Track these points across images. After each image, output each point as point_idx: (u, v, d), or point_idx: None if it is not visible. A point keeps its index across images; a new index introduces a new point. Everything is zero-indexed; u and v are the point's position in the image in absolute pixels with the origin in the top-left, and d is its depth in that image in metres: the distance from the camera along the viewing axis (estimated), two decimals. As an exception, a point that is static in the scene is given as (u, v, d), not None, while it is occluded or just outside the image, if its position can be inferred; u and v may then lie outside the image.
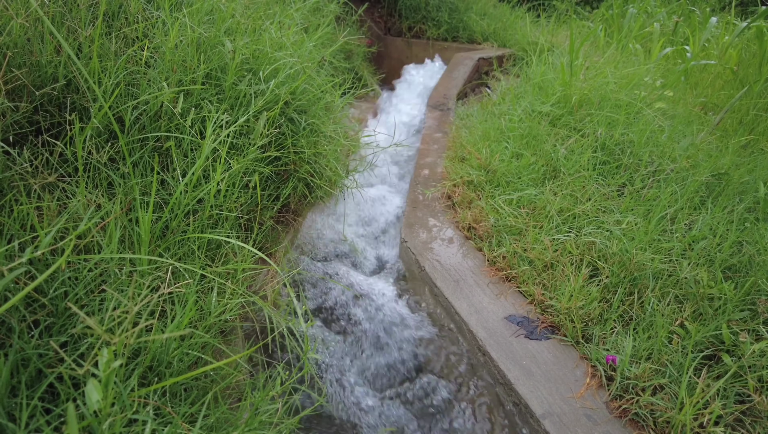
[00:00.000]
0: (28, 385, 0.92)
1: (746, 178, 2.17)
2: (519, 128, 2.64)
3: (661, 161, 2.28)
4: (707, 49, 3.82)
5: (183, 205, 1.40)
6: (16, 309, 0.97)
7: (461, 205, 2.32)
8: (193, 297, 1.17)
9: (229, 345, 1.42)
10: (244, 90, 1.79)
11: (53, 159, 1.32)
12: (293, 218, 2.11)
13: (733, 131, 2.74)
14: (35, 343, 0.95)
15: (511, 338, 1.62)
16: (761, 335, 1.48)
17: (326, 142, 2.16)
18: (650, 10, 5.12)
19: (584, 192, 2.15)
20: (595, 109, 2.63)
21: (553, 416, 1.36)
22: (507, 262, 1.91)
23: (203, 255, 1.43)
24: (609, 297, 1.69)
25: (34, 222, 1.07)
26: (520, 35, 5.00)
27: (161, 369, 1.10)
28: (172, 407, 1.05)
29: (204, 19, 1.89)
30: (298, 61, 2.05)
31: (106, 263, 1.16)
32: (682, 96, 3.10)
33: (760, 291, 1.60)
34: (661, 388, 1.41)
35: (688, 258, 1.75)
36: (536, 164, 2.36)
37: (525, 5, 6.41)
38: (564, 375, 1.49)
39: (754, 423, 1.31)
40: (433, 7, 5.54)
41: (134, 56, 1.61)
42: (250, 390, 1.23)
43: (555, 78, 3.05)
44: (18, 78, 1.31)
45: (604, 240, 1.83)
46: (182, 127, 1.56)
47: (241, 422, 1.12)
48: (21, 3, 1.40)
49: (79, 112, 1.44)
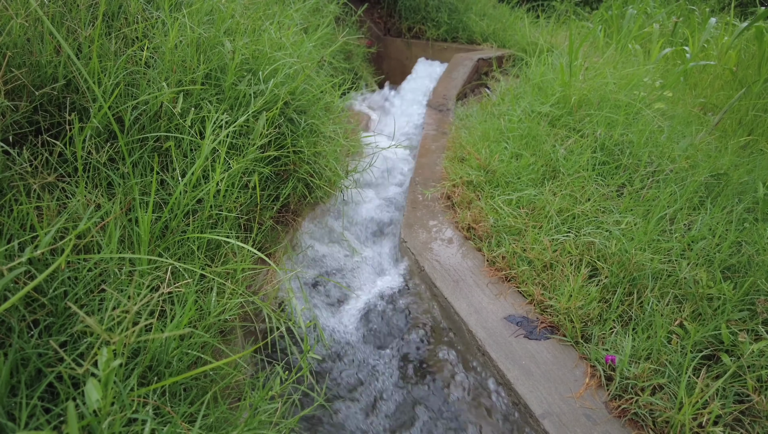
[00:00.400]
0: (28, 385, 0.93)
1: (745, 178, 2.17)
2: (518, 128, 2.64)
3: (660, 161, 2.28)
4: (706, 49, 3.82)
5: (182, 204, 1.40)
6: (15, 309, 0.97)
7: (461, 206, 2.33)
8: (192, 297, 1.17)
9: (229, 345, 1.42)
10: (243, 90, 1.79)
11: (53, 159, 1.32)
12: (293, 218, 2.11)
13: (732, 131, 2.74)
14: (35, 343, 0.96)
15: (511, 338, 1.62)
16: (760, 335, 1.48)
17: (326, 142, 2.16)
18: (649, 11, 5.12)
19: (583, 192, 2.15)
20: (595, 109, 2.63)
21: (553, 416, 1.36)
22: (506, 262, 1.91)
23: (203, 255, 1.43)
24: (608, 297, 1.69)
25: (34, 222, 1.07)
26: (519, 36, 5.01)
27: (161, 368, 1.10)
28: (171, 406, 1.05)
29: (204, 19, 1.89)
30: (297, 61, 2.05)
31: (106, 263, 1.16)
32: (682, 96, 3.11)
33: (759, 291, 1.60)
34: (660, 388, 1.41)
35: (688, 259, 1.75)
36: (536, 164, 2.36)
37: (524, 6, 6.41)
38: (563, 375, 1.49)
39: (753, 422, 1.32)
40: (432, 8, 5.55)
41: (134, 56, 1.61)
42: (250, 389, 1.23)
43: (554, 78, 3.06)
44: (18, 78, 1.31)
45: (604, 240, 1.83)
46: (182, 127, 1.56)
47: (240, 422, 1.12)
48: (21, 3, 1.40)
49: (78, 112, 1.44)
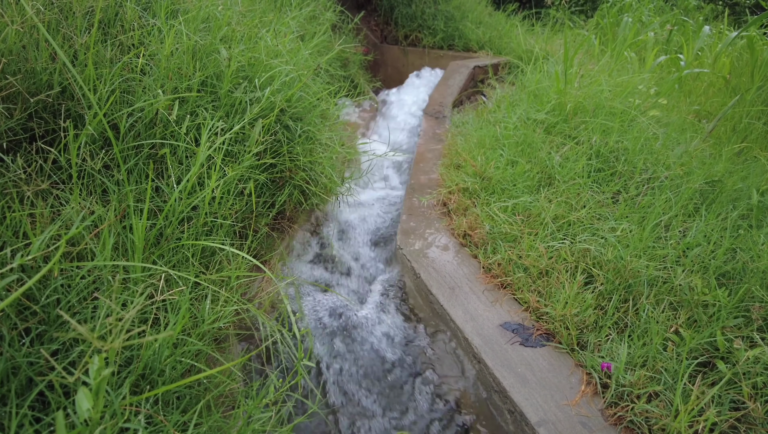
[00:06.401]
0: (18, 394, 0.92)
1: (739, 185, 2.18)
2: (514, 136, 2.65)
3: (655, 168, 2.29)
4: (700, 57, 3.85)
5: (177, 212, 1.40)
6: (6, 317, 0.96)
7: (456, 212, 2.33)
8: (186, 305, 1.16)
9: (223, 353, 1.41)
10: (239, 97, 1.79)
11: (47, 166, 1.32)
12: (288, 225, 2.11)
13: (726, 139, 2.76)
14: (26, 351, 0.95)
15: (507, 345, 1.62)
16: (755, 342, 1.48)
17: (322, 149, 2.16)
18: (644, 20, 5.17)
19: (579, 199, 2.16)
20: (590, 116, 2.64)
21: (549, 424, 1.36)
22: (502, 269, 1.91)
23: (197, 263, 1.42)
24: (604, 304, 1.69)
25: (27, 229, 1.07)
26: (515, 43, 5.04)
27: (153, 377, 1.09)
28: (164, 415, 1.04)
29: (200, 26, 1.89)
30: (293, 68, 2.06)
31: (100, 270, 1.15)
32: (676, 104, 3.12)
33: (754, 298, 1.61)
34: (656, 395, 1.41)
35: (683, 265, 1.76)
36: (531, 171, 2.37)
37: (520, 14, 6.46)
38: (559, 383, 1.48)
39: (748, 430, 1.31)
40: (429, 16, 5.59)
41: (130, 63, 1.61)
42: (244, 398, 1.22)
43: (550, 86, 3.07)
44: (12, 85, 1.31)
45: (599, 247, 1.83)
46: (177, 134, 1.56)
47: (233, 430, 1.11)
48: (16, 10, 1.40)
49: (73, 120, 1.44)
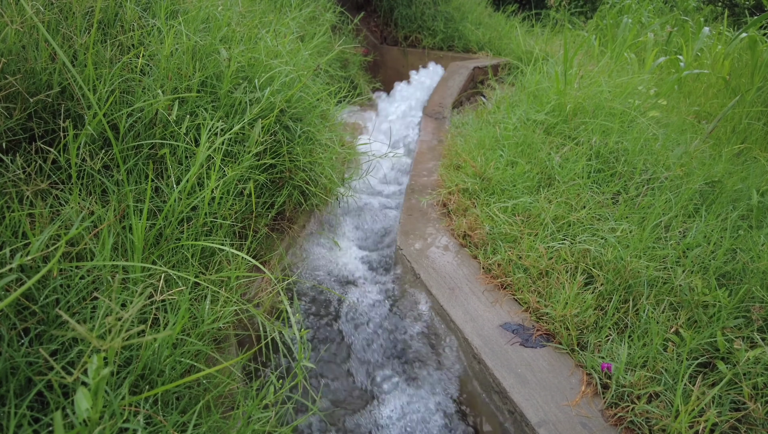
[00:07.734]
0: (17, 394, 0.91)
1: (739, 185, 2.18)
2: (514, 136, 2.65)
3: (655, 169, 2.29)
4: (700, 58, 3.86)
5: (177, 212, 1.39)
6: (6, 317, 0.96)
7: (456, 213, 2.33)
8: (185, 305, 1.16)
9: (223, 354, 1.41)
10: (239, 98, 1.79)
11: (46, 166, 1.32)
12: (288, 226, 2.11)
13: (726, 139, 2.76)
14: (25, 351, 0.94)
15: (507, 346, 1.62)
16: (756, 342, 1.48)
17: (322, 149, 2.16)
18: (644, 21, 5.17)
19: (579, 200, 2.16)
20: (590, 117, 2.64)
21: (549, 424, 1.36)
22: (502, 270, 1.91)
23: (197, 263, 1.42)
24: (604, 304, 1.69)
25: (26, 229, 1.07)
26: (514, 44, 5.04)
27: (153, 377, 1.09)
28: (163, 415, 1.04)
29: (200, 27, 1.89)
30: (293, 69, 2.06)
31: (99, 270, 1.15)
32: (676, 105, 3.13)
33: (754, 299, 1.61)
34: (656, 396, 1.41)
35: (683, 266, 1.75)
36: (531, 172, 2.37)
37: (519, 15, 6.47)
38: (559, 383, 1.48)
39: (749, 431, 1.31)
40: (428, 17, 5.59)
41: (129, 64, 1.61)
42: (243, 398, 1.22)
43: (549, 87, 3.07)
44: (12, 85, 1.31)
45: (599, 247, 1.83)
46: (177, 134, 1.56)
47: (233, 430, 1.10)
48: (16, 10, 1.40)
49: (73, 120, 1.44)
